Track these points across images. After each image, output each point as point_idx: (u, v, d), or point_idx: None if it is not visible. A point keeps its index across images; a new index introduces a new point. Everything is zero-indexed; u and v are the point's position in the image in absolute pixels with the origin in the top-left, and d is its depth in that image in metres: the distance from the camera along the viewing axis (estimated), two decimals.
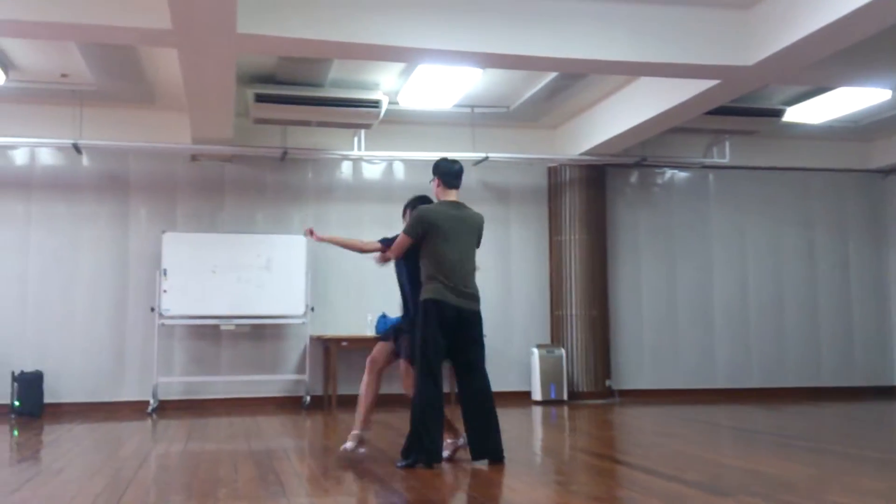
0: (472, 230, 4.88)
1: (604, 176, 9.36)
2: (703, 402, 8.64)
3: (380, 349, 5.09)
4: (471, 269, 4.83)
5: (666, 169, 9.69)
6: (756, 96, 7.88)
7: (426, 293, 4.67)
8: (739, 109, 7.95)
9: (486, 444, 4.70)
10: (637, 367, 9.35)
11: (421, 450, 4.57)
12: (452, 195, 4.94)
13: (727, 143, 9.29)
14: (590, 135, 8.57)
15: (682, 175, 9.78)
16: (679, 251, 9.63)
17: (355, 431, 4.91)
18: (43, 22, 5.10)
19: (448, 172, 4.95)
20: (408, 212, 5.03)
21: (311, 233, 5.17)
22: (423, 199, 5.06)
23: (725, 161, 9.34)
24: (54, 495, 3.91)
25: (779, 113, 8.17)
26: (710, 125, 8.25)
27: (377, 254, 5.04)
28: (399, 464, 4.61)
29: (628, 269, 9.47)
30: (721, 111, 7.64)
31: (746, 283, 9.77)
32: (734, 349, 9.62)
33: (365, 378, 5.05)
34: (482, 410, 4.72)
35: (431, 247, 4.72)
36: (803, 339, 9.80)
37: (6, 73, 7.09)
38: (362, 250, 5.09)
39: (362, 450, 4.95)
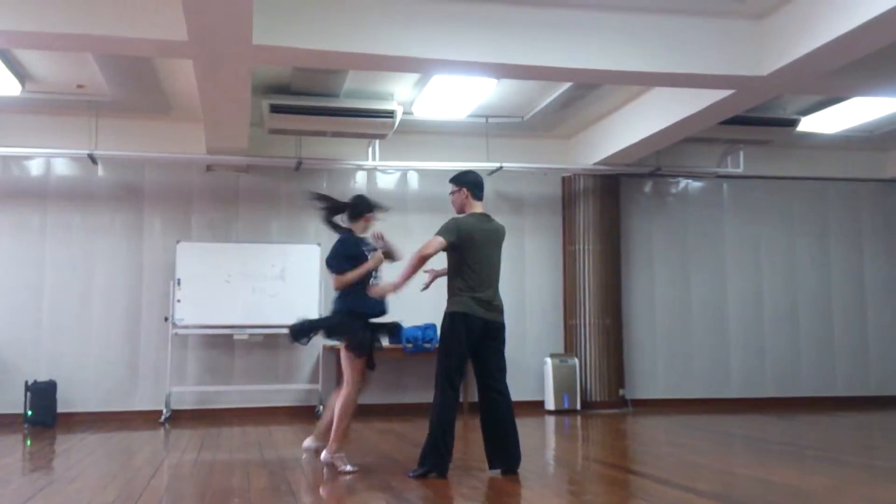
0: (498, 243, 4.90)
1: (618, 185, 9.35)
2: (716, 412, 8.58)
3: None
4: (497, 281, 4.83)
5: (680, 178, 9.66)
6: (770, 106, 7.85)
7: (455, 306, 4.68)
8: (754, 119, 7.92)
9: (505, 454, 4.69)
10: (651, 377, 9.30)
11: (437, 460, 4.57)
12: (479, 207, 4.92)
13: (741, 153, 9.26)
14: (604, 144, 8.56)
15: (696, 185, 9.75)
16: (693, 261, 9.59)
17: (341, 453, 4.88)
18: (60, 33, 5.15)
19: (476, 184, 4.94)
20: (455, 188, 4.96)
21: (381, 237, 5.25)
22: (470, 174, 5.00)
23: (740, 171, 9.30)
24: None
25: (793, 123, 8.13)
26: (725, 135, 8.23)
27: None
28: (411, 473, 4.61)
29: (642, 279, 9.44)
30: (735, 121, 7.62)
31: (761, 292, 9.71)
32: (748, 358, 9.55)
33: (354, 394, 5.04)
34: (504, 420, 4.71)
35: (462, 258, 4.72)
36: (818, 349, 9.73)
37: (23, 84, 7.16)
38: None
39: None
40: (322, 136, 8.08)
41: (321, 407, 8.36)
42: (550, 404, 8.69)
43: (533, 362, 9.03)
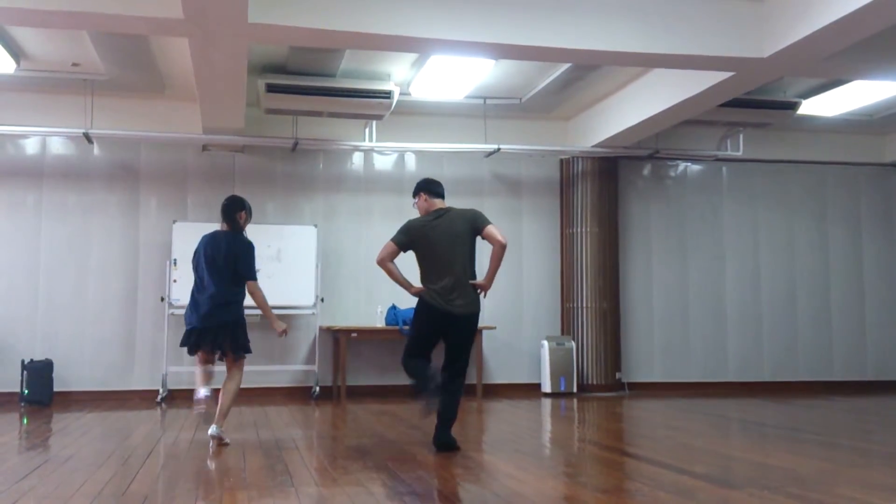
0: (457, 233, 4.98)
1: (616, 168, 9.31)
2: (713, 396, 8.60)
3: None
4: (461, 271, 4.94)
5: (679, 161, 9.63)
6: (770, 88, 7.81)
7: (422, 294, 4.98)
8: (753, 102, 7.89)
9: (443, 437, 4.93)
10: (648, 360, 9.31)
11: (423, 387, 4.83)
12: (440, 203, 5.15)
13: (741, 136, 9.22)
14: (602, 127, 8.52)
15: (695, 168, 9.71)
16: (691, 244, 9.57)
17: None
18: (54, 10, 5.09)
19: (430, 184, 5.20)
20: (415, 199, 5.25)
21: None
22: (421, 181, 5.28)
23: (739, 154, 9.27)
24: (63, 483, 3.92)
25: (793, 105, 8.09)
26: (724, 118, 8.19)
27: None
28: (422, 411, 4.92)
29: (640, 262, 9.43)
30: (735, 103, 7.58)
31: (759, 276, 9.70)
32: (746, 343, 9.56)
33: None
34: (449, 409, 4.95)
35: (419, 255, 5.04)
36: (816, 333, 9.74)
37: (17, 61, 7.10)
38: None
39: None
40: (318, 116, 8.04)
41: (318, 388, 8.37)
42: (547, 387, 8.70)
43: (530, 345, 9.03)
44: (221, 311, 5.16)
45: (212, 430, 5.11)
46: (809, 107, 8.27)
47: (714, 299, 9.55)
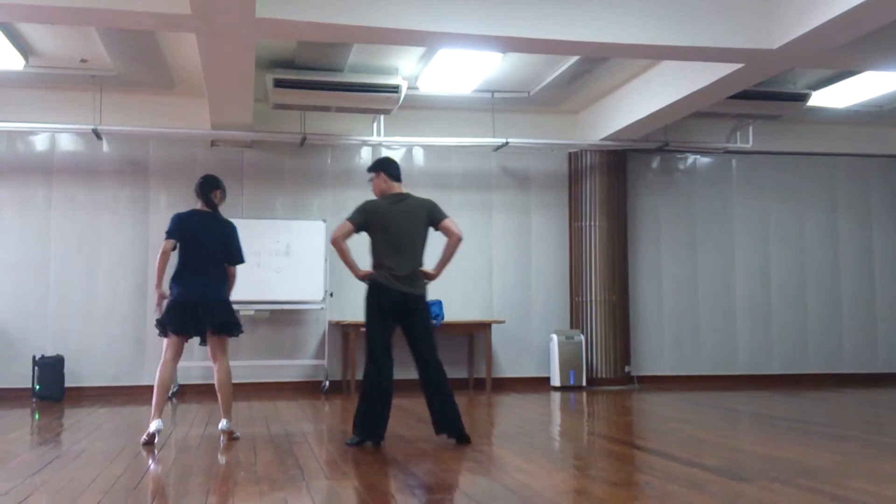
0: (415, 219, 5.02)
1: (625, 161, 9.29)
2: (723, 389, 8.58)
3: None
4: (417, 258, 5.02)
5: (688, 154, 9.59)
6: (780, 80, 7.76)
7: (375, 277, 4.95)
8: (763, 94, 7.84)
9: (446, 419, 4.89)
10: (657, 354, 9.30)
11: (365, 429, 4.79)
12: (398, 188, 5.13)
13: (750, 128, 9.18)
14: (611, 120, 8.49)
15: (704, 160, 9.68)
16: (701, 237, 9.54)
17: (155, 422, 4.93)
18: (62, 7, 5.11)
19: (392, 165, 5.16)
20: (373, 175, 5.18)
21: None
22: (384, 159, 5.22)
23: (748, 146, 9.23)
24: (75, 478, 3.95)
25: (803, 97, 8.05)
26: (734, 110, 8.15)
27: None
28: (348, 441, 4.85)
29: (649, 255, 9.41)
30: (744, 95, 7.53)
31: (768, 269, 9.67)
32: (755, 335, 9.53)
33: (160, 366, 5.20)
34: (434, 385, 4.93)
35: (374, 237, 5.00)
36: (825, 326, 9.70)
37: (26, 58, 7.13)
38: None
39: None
40: (326, 111, 8.04)
41: (327, 382, 8.39)
42: (556, 381, 8.69)
43: (538, 339, 9.03)
44: (218, 288, 5.16)
45: (222, 424, 5.14)
46: (819, 98, 8.22)
47: (724, 292, 9.52)
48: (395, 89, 7.58)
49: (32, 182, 8.22)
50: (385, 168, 5.14)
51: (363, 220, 4.97)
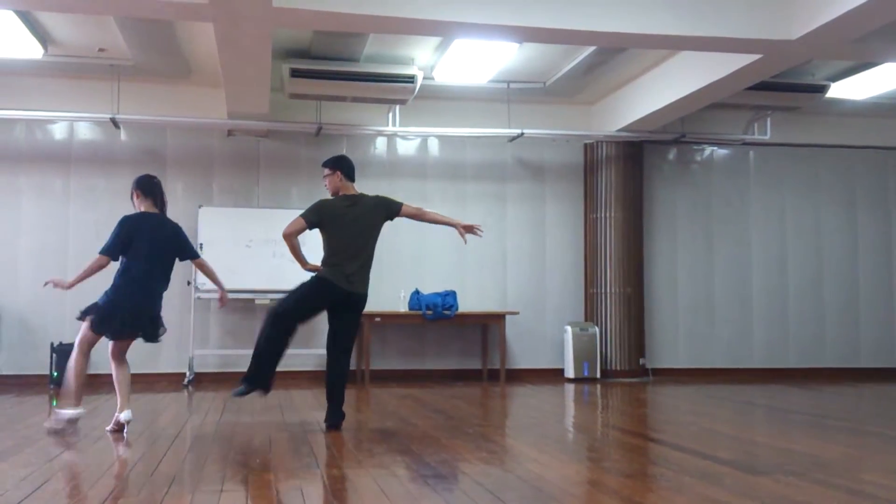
0: (368, 221, 5.20)
1: (641, 153, 9.24)
2: (739, 382, 8.54)
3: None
4: (366, 259, 5.20)
5: (705, 146, 9.53)
6: (799, 71, 7.69)
7: (324, 273, 5.11)
8: (781, 85, 7.78)
9: (335, 418, 5.14)
10: (672, 346, 9.27)
11: (256, 380, 5.01)
12: (352, 188, 5.32)
13: (768, 120, 9.10)
14: (627, 111, 8.45)
15: (721, 152, 9.61)
16: (717, 229, 9.49)
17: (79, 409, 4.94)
18: None
19: (349, 166, 5.36)
20: (329, 172, 5.28)
21: None
22: (343, 159, 5.39)
23: (766, 138, 9.15)
24: (93, 464, 3.99)
25: (822, 89, 7.97)
26: (752, 101, 8.09)
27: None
28: (234, 392, 5.01)
29: (665, 247, 9.36)
30: (762, 86, 7.48)
31: (786, 262, 9.60)
32: (772, 329, 9.48)
33: (77, 357, 5.15)
34: (342, 378, 5.23)
35: (326, 235, 5.14)
36: (843, 320, 9.63)
37: (45, 47, 7.17)
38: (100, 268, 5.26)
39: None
40: (342, 101, 8.04)
41: None
42: (570, 372, 8.69)
43: (552, 330, 9.02)
44: (159, 298, 5.20)
45: (126, 415, 4.97)
46: (838, 90, 8.14)
47: (740, 285, 9.46)
48: (410, 79, 7.57)
49: (51, 171, 8.28)
50: (342, 167, 5.30)
51: (317, 219, 5.11)
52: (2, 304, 8.05)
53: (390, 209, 5.26)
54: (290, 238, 5.10)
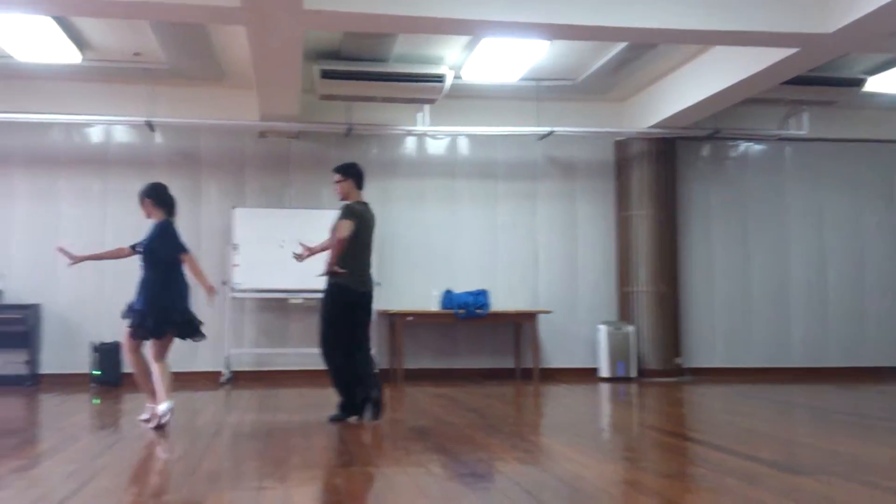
0: (374, 226, 5.63)
1: (674, 149, 9.15)
2: (777, 381, 8.43)
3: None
4: (370, 257, 5.57)
5: (740, 141, 9.42)
6: (836, 65, 7.56)
7: (343, 279, 5.31)
8: (818, 79, 7.65)
9: (378, 407, 5.42)
10: (709, 345, 9.17)
11: (349, 407, 5.38)
12: (362, 196, 5.59)
13: (805, 115, 8.96)
14: (660, 107, 8.38)
15: (756, 148, 9.49)
16: (753, 227, 9.37)
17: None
18: (118, 1, 5.21)
19: (361, 175, 5.61)
20: (341, 178, 5.52)
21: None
22: (355, 167, 5.61)
23: (803, 133, 9.02)
24: (135, 460, 4.05)
25: (859, 82, 7.83)
26: (787, 95, 7.97)
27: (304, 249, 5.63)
28: (330, 417, 5.35)
29: (700, 245, 9.27)
30: (799, 81, 7.37)
31: (824, 259, 9.45)
32: (811, 327, 9.33)
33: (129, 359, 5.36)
34: (373, 376, 5.47)
35: (355, 240, 5.36)
36: (884, 317, 9.45)
37: (82, 52, 7.29)
38: (116, 257, 5.72)
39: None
40: (372, 101, 8.06)
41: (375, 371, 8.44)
42: (604, 372, 8.63)
43: (585, 329, 8.97)
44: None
45: (164, 406, 5.10)
46: (875, 84, 7.99)
47: (777, 282, 9.34)
48: (439, 79, 7.58)
49: (89, 173, 8.42)
50: (355, 176, 5.56)
51: (359, 224, 5.38)
52: (43, 304, 8.20)
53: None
54: (345, 243, 5.30)
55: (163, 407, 5.07)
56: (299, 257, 5.68)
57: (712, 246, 9.29)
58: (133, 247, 5.53)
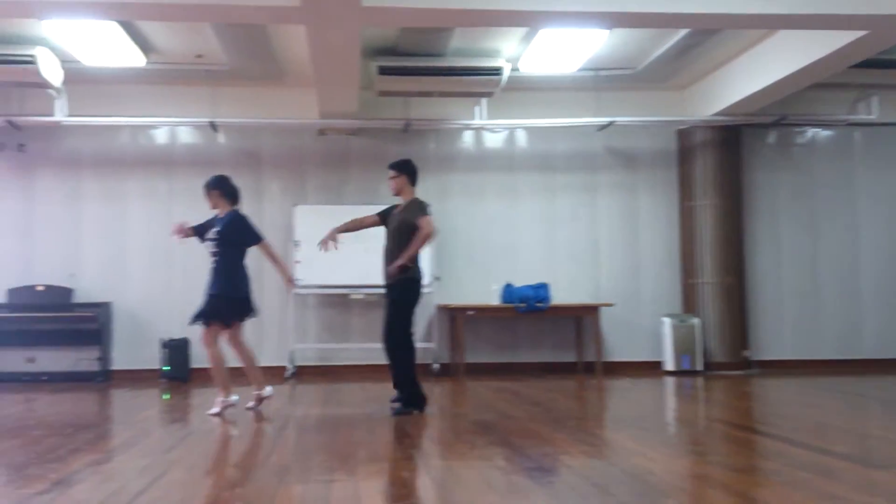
0: None
1: (739, 137, 8.94)
2: (849, 374, 8.17)
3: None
4: None
5: (807, 128, 9.15)
6: None
7: (415, 273, 5.52)
8: (888, 62, 7.41)
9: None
10: (777, 337, 8.94)
11: (416, 400, 5.50)
12: (413, 193, 5.74)
13: (874, 99, 8.66)
14: (723, 94, 8.19)
15: (824, 134, 9.21)
16: (822, 214, 9.10)
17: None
18: (180, 4, 5.32)
19: (416, 172, 5.78)
20: (396, 174, 5.69)
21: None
22: (410, 164, 5.80)
23: (873, 118, 8.71)
24: (206, 454, 4.14)
25: None
26: (857, 79, 7.76)
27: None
28: (395, 411, 5.43)
29: (766, 234, 9.04)
30: (868, 64, 7.12)
31: None
32: (883, 317, 9.02)
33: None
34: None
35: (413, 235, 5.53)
36: None
37: (147, 55, 7.47)
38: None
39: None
40: (429, 96, 8.08)
41: (436, 365, 8.48)
42: (669, 365, 8.50)
43: (649, 322, 8.85)
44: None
45: (267, 391, 5.78)
46: None
47: (848, 272, 9.05)
48: (497, 72, 7.54)
49: (155, 174, 8.64)
50: (410, 172, 5.72)
51: None
52: (114, 301, 8.45)
53: None
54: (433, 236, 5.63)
55: (268, 389, 5.78)
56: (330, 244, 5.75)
57: (779, 235, 9.05)
58: (200, 236, 5.91)
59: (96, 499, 3.13)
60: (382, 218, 5.78)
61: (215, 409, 5.52)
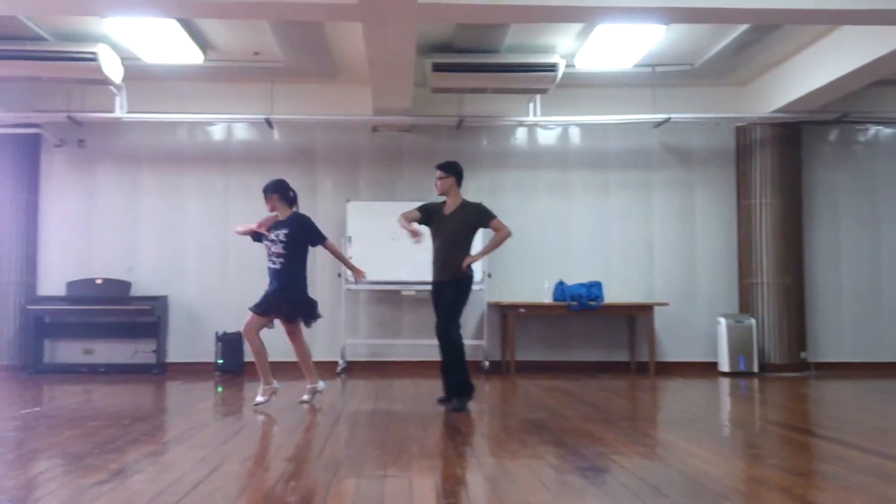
0: None
1: (799, 134, 8.73)
2: None
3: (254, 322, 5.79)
4: None
5: (869, 125, 8.89)
6: None
7: (470, 271, 5.70)
8: None
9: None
10: (836, 339, 8.72)
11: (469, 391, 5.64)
12: (459, 195, 5.86)
13: None
14: (783, 91, 8.01)
15: (887, 132, 8.94)
16: (884, 213, 8.84)
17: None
18: (239, 1, 5.40)
19: (462, 173, 5.90)
20: (444, 175, 5.80)
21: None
22: (458, 166, 5.93)
23: None
24: (261, 446, 4.20)
25: None
26: None
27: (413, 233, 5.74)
28: (453, 408, 5.46)
29: (826, 234, 8.82)
30: None
31: None
32: None
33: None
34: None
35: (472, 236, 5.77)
36: None
37: (205, 53, 7.61)
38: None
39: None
40: (483, 93, 8.06)
41: (487, 362, 8.47)
42: (725, 366, 8.35)
43: (704, 322, 8.71)
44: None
45: (320, 385, 5.92)
46: None
47: None
48: (552, 68, 7.49)
49: (212, 170, 8.80)
50: (457, 174, 5.85)
51: None
52: (170, 295, 8.63)
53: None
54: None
55: (321, 384, 5.95)
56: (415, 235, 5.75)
57: (840, 235, 8.82)
58: (256, 236, 6.00)
59: (154, 489, 3.20)
60: (425, 215, 5.85)
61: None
